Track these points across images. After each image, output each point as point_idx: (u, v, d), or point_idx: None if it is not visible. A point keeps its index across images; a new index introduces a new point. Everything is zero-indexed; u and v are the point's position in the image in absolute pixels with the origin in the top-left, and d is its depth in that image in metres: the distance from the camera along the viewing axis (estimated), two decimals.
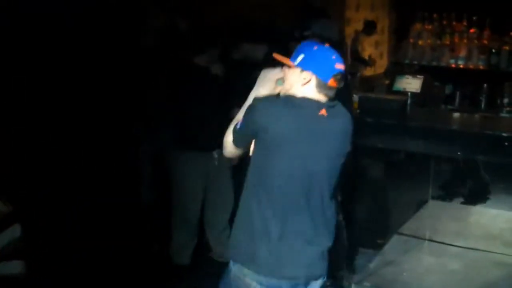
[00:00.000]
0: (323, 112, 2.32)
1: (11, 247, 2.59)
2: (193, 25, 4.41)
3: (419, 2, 7.01)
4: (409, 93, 5.31)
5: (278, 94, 2.45)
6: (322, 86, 2.34)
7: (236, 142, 2.40)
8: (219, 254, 4.37)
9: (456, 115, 6.68)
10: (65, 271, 3.98)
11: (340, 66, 2.37)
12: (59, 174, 4.72)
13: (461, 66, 6.88)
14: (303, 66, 2.34)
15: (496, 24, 6.94)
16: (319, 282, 2.44)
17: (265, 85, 2.48)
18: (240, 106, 2.48)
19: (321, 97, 2.36)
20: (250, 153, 2.39)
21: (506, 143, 5.67)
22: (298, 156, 2.27)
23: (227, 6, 5.24)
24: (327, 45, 2.42)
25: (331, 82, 2.34)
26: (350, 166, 4.16)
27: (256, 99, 2.36)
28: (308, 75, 2.34)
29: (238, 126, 2.36)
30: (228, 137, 2.43)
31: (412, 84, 5.44)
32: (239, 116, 2.41)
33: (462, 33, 7.00)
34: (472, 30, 6.95)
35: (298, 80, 2.35)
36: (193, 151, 4.10)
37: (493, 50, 6.74)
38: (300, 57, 2.35)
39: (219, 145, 4.13)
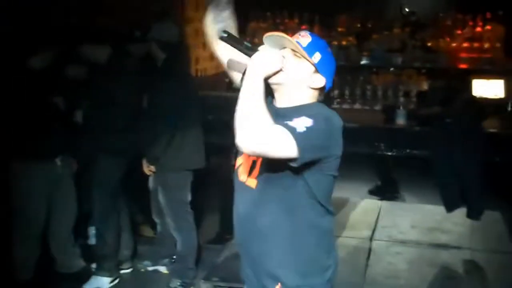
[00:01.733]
0: None
1: None
2: (26, 27, 4.17)
3: (252, 2, 7.23)
4: None
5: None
6: (321, 95, 2.12)
7: (304, 150, 1.84)
8: (64, 266, 4.19)
9: None
10: None
11: None
12: None
13: None
14: (320, 67, 2.06)
15: (324, 20, 7.37)
16: None
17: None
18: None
19: None
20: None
21: None
22: None
23: (64, 7, 5.04)
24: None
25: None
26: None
27: (329, 112, 2.02)
28: (321, 80, 2.07)
29: (302, 131, 1.84)
30: (280, 136, 1.84)
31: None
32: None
33: (295, 30, 7.33)
34: (302, 27, 7.31)
35: (307, 79, 2.06)
36: (34, 160, 3.89)
37: None
38: (317, 55, 2.04)
39: (62, 151, 4.06)
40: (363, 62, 7.08)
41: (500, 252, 4.63)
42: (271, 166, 1.99)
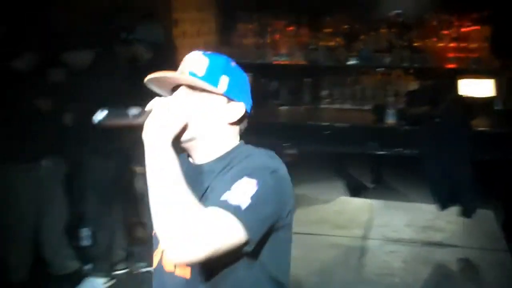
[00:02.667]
0: None
1: None
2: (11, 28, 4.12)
3: (240, 3, 7.22)
4: None
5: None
6: (244, 123, 1.68)
7: (254, 229, 1.42)
8: (58, 268, 4.15)
9: (283, 109, 7.04)
10: None
11: None
12: None
13: (283, 62, 7.20)
14: (232, 93, 1.60)
15: (312, 22, 7.39)
16: None
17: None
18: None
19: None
20: None
21: (327, 132, 6.11)
22: None
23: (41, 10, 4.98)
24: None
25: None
26: None
27: (271, 161, 1.57)
28: (239, 107, 1.62)
29: (247, 206, 1.40)
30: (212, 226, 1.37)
31: None
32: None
33: (282, 31, 7.35)
34: (290, 28, 7.32)
35: (223, 116, 1.60)
36: (18, 163, 3.85)
37: (311, 47, 7.15)
38: (223, 80, 1.58)
39: (47, 153, 4.02)
40: (351, 62, 7.10)
41: (492, 250, 4.67)
42: None
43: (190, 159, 1.66)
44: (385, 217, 5.35)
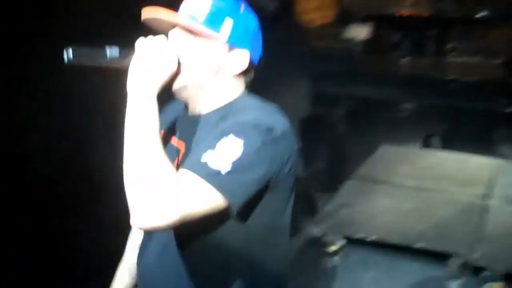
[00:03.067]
0: None
1: None
2: None
3: None
4: (357, 41, 5.35)
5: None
6: (250, 74, 1.54)
7: (236, 194, 1.32)
8: None
9: (404, 61, 6.79)
10: None
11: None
12: None
13: (407, 13, 6.93)
14: (236, 40, 1.44)
15: None
16: None
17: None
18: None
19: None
20: None
21: (452, 86, 5.84)
22: None
23: None
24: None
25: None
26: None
27: (268, 117, 1.42)
28: (243, 56, 1.46)
29: (227, 171, 1.29)
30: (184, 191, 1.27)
31: (360, 32, 5.49)
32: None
33: None
34: None
35: (223, 67, 1.45)
36: None
37: None
38: (227, 24, 1.41)
39: None
40: (480, 14, 6.71)
41: None
42: None
43: (187, 111, 1.53)
44: (508, 177, 5.06)
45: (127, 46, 1.35)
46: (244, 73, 1.49)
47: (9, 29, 2.67)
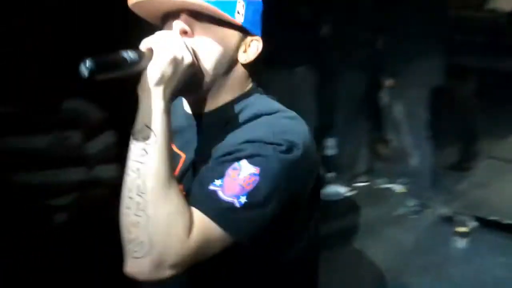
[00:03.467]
0: None
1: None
2: None
3: None
4: (503, 12, 5.06)
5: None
6: (254, 65, 1.29)
7: (242, 236, 1.11)
8: None
9: None
10: None
11: None
12: None
13: None
14: (249, 25, 1.23)
15: None
16: None
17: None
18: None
19: None
20: None
21: None
22: None
23: None
24: None
25: None
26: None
27: (289, 129, 1.18)
28: (257, 43, 1.25)
29: (242, 205, 1.08)
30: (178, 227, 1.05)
31: (507, 1, 5.20)
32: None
33: None
34: None
35: (239, 56, 1.24)
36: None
37: None
38: (240, 5, 1.20)
39: (302, 61, 4.15)
40: None
41: None
42: None
43: (186, 108, 1.31)
44: None
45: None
46: (253, 63, 1.26)
47: None
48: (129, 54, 1.05)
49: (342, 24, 4.01)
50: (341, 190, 4.24)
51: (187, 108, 1.30)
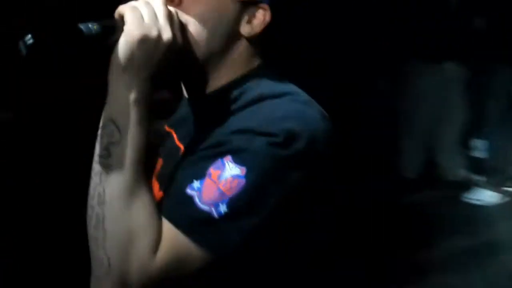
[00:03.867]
0: None
1: None
2: None
3: None
4: None
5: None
6: (259, 43, 1.05)
7: (222, 251, 0.91)
8: (447, 173, 4.17)
9: None
10: None
11: None
12: None
13: None
14: None
15: None
16: None
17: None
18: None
19: None
20: None
21: None
22: None
23: None
24: None
25: None
26: None
27: (298, 115, 0.94)
28: (264, 12, 1.00)
29: (221, 215, 0.89)
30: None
31: None
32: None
33: None
34: None
35: (240, 27, 1.00)
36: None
37: None
38: None
39: (452, 57, 4.01)
40: None
41: None
42: None
43: (184, 91, 1.09)
44: None
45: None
46: (260, 37, 1.02)
47: None
48: (88, 26, 0.84)
49: (498, 15, 3.78)
50: (491, 196, 3.99)
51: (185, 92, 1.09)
